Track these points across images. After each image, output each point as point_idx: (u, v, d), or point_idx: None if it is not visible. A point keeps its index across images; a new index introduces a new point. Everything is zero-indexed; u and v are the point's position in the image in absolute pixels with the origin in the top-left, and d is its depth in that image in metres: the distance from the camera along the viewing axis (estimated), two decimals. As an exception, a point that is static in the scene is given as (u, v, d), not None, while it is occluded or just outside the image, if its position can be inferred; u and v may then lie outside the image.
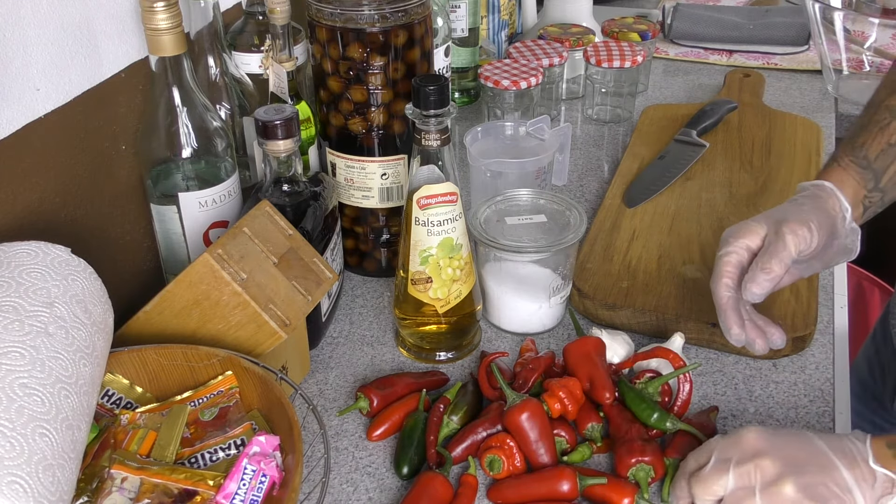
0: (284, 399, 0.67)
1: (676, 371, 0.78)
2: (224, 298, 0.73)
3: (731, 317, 0.76)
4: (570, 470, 0.72)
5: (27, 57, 0.77)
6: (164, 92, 0.82)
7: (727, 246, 0.77)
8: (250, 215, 0.79)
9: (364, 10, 0.87)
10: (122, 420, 0.69)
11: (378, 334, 0.93)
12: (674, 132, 1.25)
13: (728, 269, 0.77)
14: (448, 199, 0.80)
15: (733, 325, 0.76)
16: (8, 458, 0.53)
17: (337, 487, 0.75)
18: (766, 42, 1.58)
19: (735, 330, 0.76)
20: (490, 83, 1.22)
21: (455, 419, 0.78)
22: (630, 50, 1.31)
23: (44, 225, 0.81)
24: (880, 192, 0.79)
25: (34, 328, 0.61)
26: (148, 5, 0.77)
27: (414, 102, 0.78)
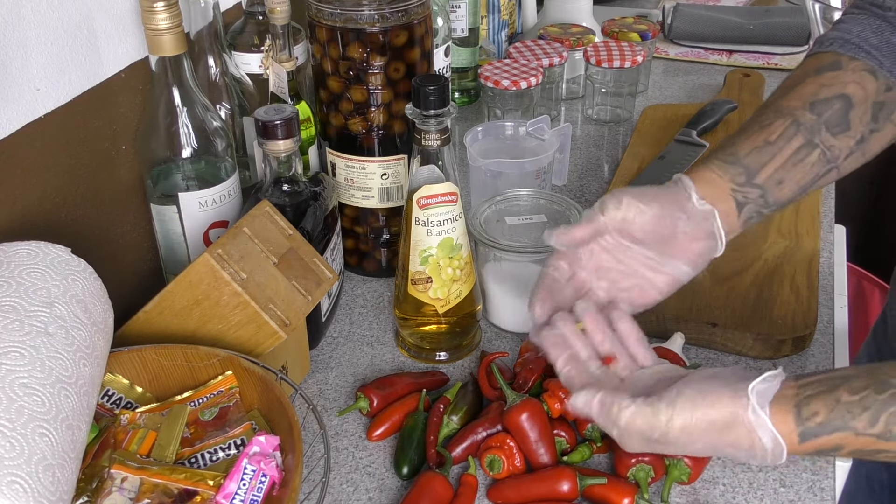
0: (284, 399, 0.67)
1: (676, 371, 0.78)
2: (224, 298, 0.73)
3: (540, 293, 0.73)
4: (570, 470, 0.72)
5: (27, 57, 0.77)
6: (164, 92, 0.82)
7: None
8: (250, 215, 0.79)
9: (364, 10, 0.87)
10: (122, 420, 0.69)
11: (378, 334, 0.93)
12: (674, 132, 1.25)
13: None
14: (448, 199, 0.80)
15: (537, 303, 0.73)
16: (8, 458, 0.53)
17: (337, 487, 0.75)
18: (766, 42, 1.58)
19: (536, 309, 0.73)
20: (490, 83, 1.22)
21: (455, 419, 0.78)
22: (630, 50, 1.31)
23: (44, 225, 0.81)
24: (758, 188, 0.73)
25: (34, 328, 0.61)
26: (148, 5, 0.77)
27: (414, 102, 0.78)
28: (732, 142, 0.75)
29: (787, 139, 0.73)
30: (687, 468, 0.72)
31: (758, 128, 0.75)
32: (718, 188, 0.73)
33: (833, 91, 0.74)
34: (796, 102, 0.74)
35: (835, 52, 0.76)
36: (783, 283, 0.94)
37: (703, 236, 0.72)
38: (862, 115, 0.75)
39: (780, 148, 0.73)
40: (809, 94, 0.75)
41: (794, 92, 0.75)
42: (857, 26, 0.77)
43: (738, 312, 0.89)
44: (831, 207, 1.13)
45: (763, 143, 0.73)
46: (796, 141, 0.73)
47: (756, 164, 0.73)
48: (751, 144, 0.74)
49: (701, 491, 0.74)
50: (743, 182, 0.73)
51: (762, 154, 0.73)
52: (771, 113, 0.75)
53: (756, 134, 0.74)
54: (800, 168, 0.74)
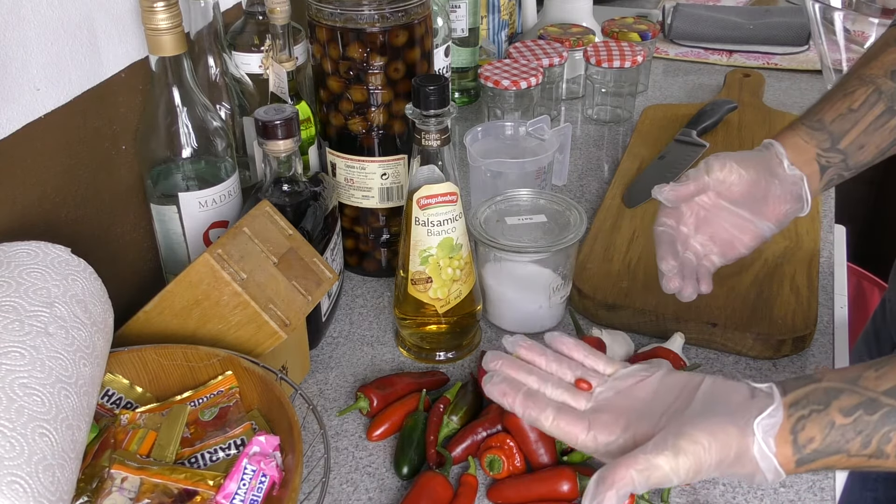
0: (284, 399, 0.67)
1: (676, 371, 0.78)
2: (224, 298, 0.73)
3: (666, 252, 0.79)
4: (570, 470, 0.72)
5: (27, 57, 0.77)
6: (164, 92, 0.82)
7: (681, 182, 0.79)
8: (250, 215, 0.79)
9: (364, 10, 0.87)
10: (122, 420, 0.69)
11: (378, 334, 0.93)
12: (674, 132, 1.25)
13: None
14: (448, 199, 0.80)
15: (666, 262, 0.79)
16: (8, 458, 0.53)
17: (337, 487, 0.75)
18: (766, 42, 1.58)
19: (666, 267, 0.79)
20: (490, 83, 1.22)
21: (455, 419, 0.78)
22: (630, 50, 1.31)
23: (44, 225, 0.81)
24: (840, 153, 0.79)
25: (34, 328, 0.61)
26: (148, 5, 0.77)
27: (414, 102, 0.78)
28: (819, 108, 0.80)
29: (870, 106, 0.78)
30: (687, 468, 0.72)
31: (842, 95, 0.79)
32: (805, 153, 0.78)
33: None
34: (878, 70, 0.79)
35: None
36: (783, 283, 0.94)
37: (791, 199, 0.78)
38: None
39: (863, 115, 0.78)
40: (891, 62, 0.79)
41: (876, 61, 0.79)
42: None
43: (738, 312, 0.89)
44: (831, 207, 1.13)
45: (847, 110, 0.78)
46: (878, 108, 0.78)
47: (840, 130, 0.78)
48: (835, 112, 0.78)
49: (701, 491, 0.74)
50: (828, 147, 0.78)
51: (846, 121, 0.78)
52: (854, 80, 0.79)
53: (840, 101, 0.79)
54: (880, 133, 0.78)
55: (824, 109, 0.79)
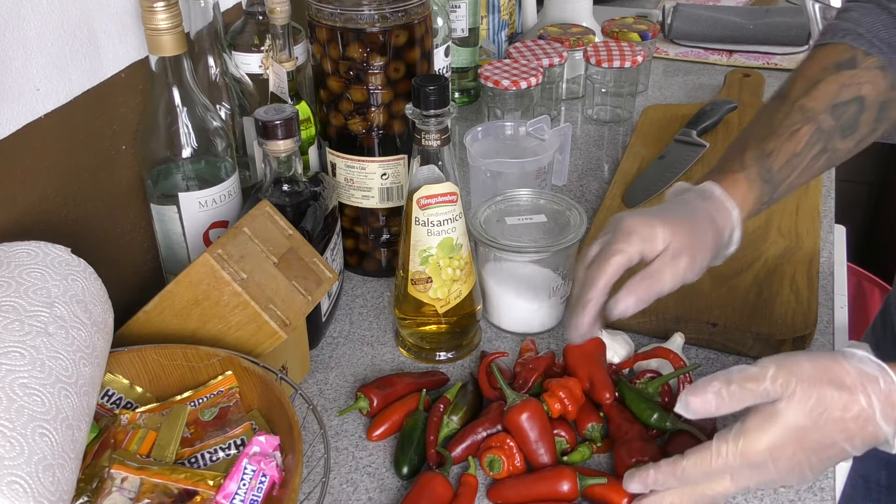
0: (284, 399, 0.67)
1: (677, 371, 0.78)
2: (224, 298, 0.73)
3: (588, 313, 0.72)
4: (569, 470, 0.72)
5: (27, 57, 0.77)
6: (164, 92, 0.82)
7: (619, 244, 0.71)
8: (250, 215, 0.79)
9: (364, 10, 0.87)
10: (122, 420, 0.69)
11: (378, 334, 0.93)
12: (674, 132, 1.25)
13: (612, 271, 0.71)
14: (448, 199, 0.80)
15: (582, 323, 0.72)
16: (8, 458, 0.53)
17: (337, 487, 0.75)
18: (766, 42, 1.58)
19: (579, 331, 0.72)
20: (490, 83, 1.22)
21: (455, 419, 0.78)
22: (630, 50, 1.31)
23: (44, 225, 0.81)
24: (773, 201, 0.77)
25: (34, 328, 0.61)
26: (148, 5, 0.77)
27: (414, 102, 0.78)
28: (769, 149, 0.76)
29: (810, 147, 0.76)
30: (687, 468, 0.72)
31: (788, 133, 0.76)
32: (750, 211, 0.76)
33: (851, 92, 0.76)
34: (820, 104, 0.77)
35: (849, 45, 0.78)
36: (783, 283, 0.94)
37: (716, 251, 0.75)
38: (869, 116, 0.77)
39: (804, 158, 0.76)
40: (831, 94, 0.77)
41: (816, 90, 0.77)
42: (867, 18, 0.79)
43: (738, 312, 0.89)
44: (831, 207, 1.13)
45: (791, 154, 0.76)
46: (815, 148, 0.76)
47: (782, 178, 0.76)
48: (783, 157, 0.76)
49: (701, 491, 0.74)
50: (766, 201, 0.77)
51: (788, 167, 0.76)
52: (798, 115, 0.77)
53: (787, 142, 0.76)
54: (807, 174, 0.77)
55: (774, 153, 0.76)
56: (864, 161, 2.22)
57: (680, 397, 0.63)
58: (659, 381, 0.78)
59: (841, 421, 0.59)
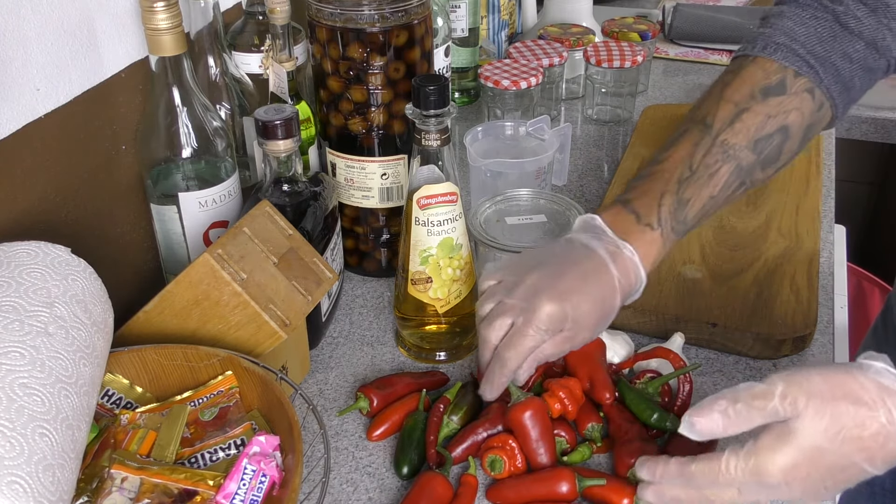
0: (284, 399, 0.67)
1: (677, 371, 0.78)
2: (224, 298, 0.73)
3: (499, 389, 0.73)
4: (569, 471, 0.72)
5: (27, 57, 0.77)
6: (164, 92, 0.83)
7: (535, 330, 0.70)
8: (250, 215, 0.79)
9: (364, 10, 0.87)
10: (122, 420, 0.69)
11: (378, 334, 0.93)
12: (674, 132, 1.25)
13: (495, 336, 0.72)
14: (448, 199, 0.80)
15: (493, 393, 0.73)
16: (8, 458, 0.53)
17: (337, 487, 0.75)
18: (766, 42, 1.57)
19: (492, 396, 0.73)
20: (490, 83, 1.21)
21: (455, 419, 0.78)
22: (630, 50, 1.31)
23: (44, 225, 0.81)
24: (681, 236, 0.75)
25: (34, 328, 0.61)
26: (148, 5, 0.77)
27: (414, 102, 0.78)
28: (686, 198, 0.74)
29: (727, 187, 0.74)
30: (687, 468, 0.72)
31: (707, 175, 0.74)
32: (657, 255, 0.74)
33: (776, 123, 0.74)
34: (742, 139, 0.74)
35: (781, 64, 0.75)
36: (783, 283, 0.94)
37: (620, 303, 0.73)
38: (792, 144, 0.75)
39: (719, 199, 0.75)
40: (756, 127, 0.74)
41: (741, 122, 0.74)
42: (803, 28, 0.75)
43: (738, 312, 0.89)
44: (831, 207, 1.13)
45: (708, 198, 0.74)
46: (733, 186, 0.75)
47: (692, 224, 0.75)
48: (700, 203, 0.74)
49: (701, 491, 0.74)
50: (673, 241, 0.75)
51: (702, 212, 0.75)
52: (719, 153, 0.74)
53: (705, 186, 0.74)
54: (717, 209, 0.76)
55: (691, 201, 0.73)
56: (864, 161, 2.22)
57: (684, 418, 0.61)
58: (659, 381, 0.78)
59: (859, 440, 0.56)
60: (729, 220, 1.04)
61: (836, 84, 0.76)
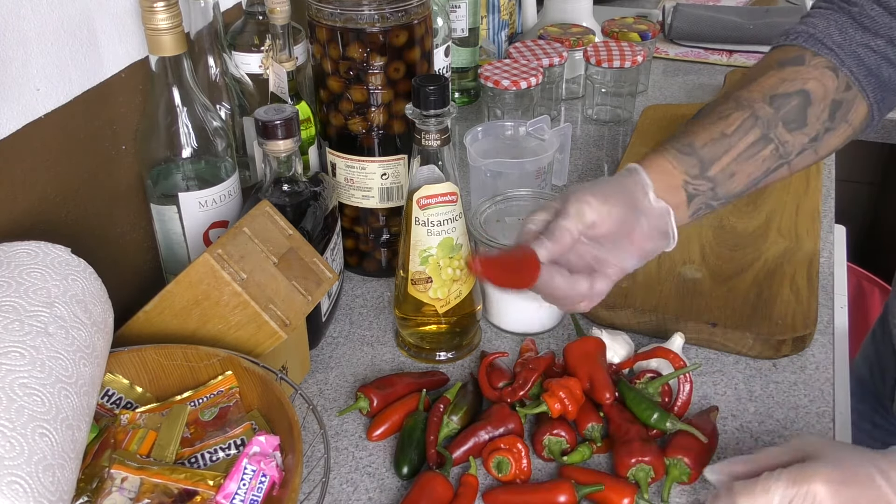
0: (284, 399, 0.67)
1: (677, 371, 0.78)
2: (224, 298, 0.73)
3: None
4: (567, 483, 0.71)
5: (27, 57, 0.77)
6: (164, 92, 0.83)
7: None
8: (250, 215, 0.79)
9: (364, 10, 0.87)
10: (122, 420, 0.69)
11: (378, 334, 0.93)
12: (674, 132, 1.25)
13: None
14: (448, 199, 0.80)
15: None
16: (8, 458, 0.53)
17: (337, 487, 0.75)
18: (766, 42, 1.57)
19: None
20: (490, 83, 1.22)
21: (455, 419, 0.78)
22: (630, 50, 1.31)
23: (44, 225, 0.81)
24: (709, 181, 0.74)
25: (34, 328, 0.61)
26: (148, 5, 0.77)
27: (414, 102, 0.78)
28: (691, 130, 0.75)
29: (744, 132, 0.74)
30: (687, 468, 0.73)
31: (716, 118, 0.75)
32: (672, 179, 0.74)
33: (793, 86, 0.75)
34: (756, 94, 0.75)
35: (799, 45, 0.77)
36: (783, 283, 0.94)
37: (657, 235, 0.74)
38: (819, 112, 0.75)
39: (736, 141, 0.74)
40: (770, 86, 0.75)
41: (755, 83, 0.76)
42: (824, 21, 0.78)
43: (738, 312, 0.89)
44: (831, 207, 1.13)
45: (720, 134, 0.74)
46: (752, 134, 0.74)
47: (711, 156, 0.74)
48: (707, 135, 0.74)
49: (701, 491, 0.74)
50: (696, 174, 0.74)
51: (717, 146, 0.74)
52: (731, 103, 0.75)
53: (714, 125, 0.75)
54: (752, 162, 0.75)
55: (696, 132, 0.75)
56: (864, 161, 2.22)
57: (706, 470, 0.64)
58: (659, 381, 0.78)
59: None
60: (729, 220, 1.04)
61: (860, 69, 0.76)
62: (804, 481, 0.58)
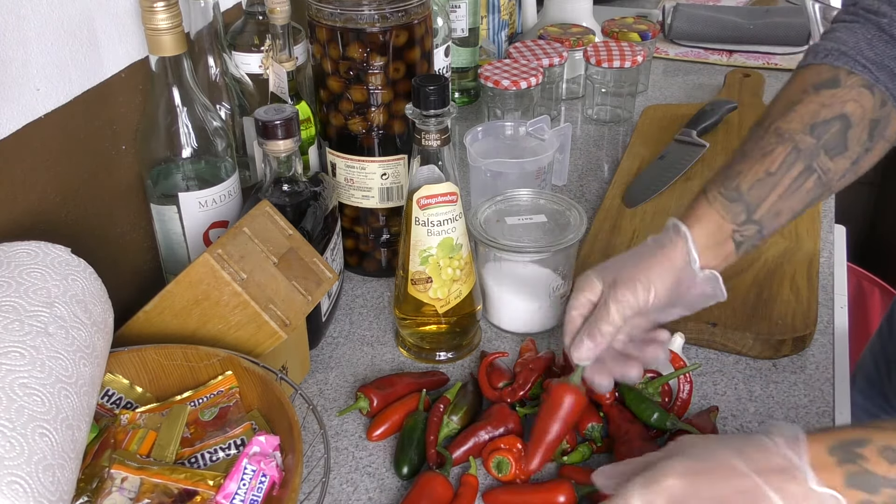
0: (284, 399, 0.67)
1: (677, 371, 0.78)
2: (224, 298, 0.73)
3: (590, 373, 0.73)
4: (567, 483, 0.71)
5: (27, 57, 0.77)
6: (164, 92, 0.82)
7: (571, 301, 0.75)
8: (250, 215, 0.79)
9: (364, 10, 0.87)
10: (122, 420, 0.69)
11: (378, 334, 0.93)
12: (674, 132, 1.25)
13: (570, 329, 0.74)
14: (448, 199, 0.80)
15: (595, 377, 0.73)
16: (8, 458, 0.53)
17: (337, 487, 0.75)
18: (766, 42, 1.58)
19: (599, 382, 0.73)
20: (490, 83, 1.21)
21: (455, 419, 0.78)
22: (630, 50, 1.31)
23: (44, 225, 0.81)
24: (755, 224, 0.74)
25: (34, 328, 0.61)
26: (148, 5, 0.77)
27: (414, 102, 0.78)
28: (735, 171, 0.74)
29: (788, 167, 0.74)
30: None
31: (760, 155, 0.74)
32: (721, 233, 0.74)
33: (833, 111, 0.74)
34: (797, 125, 0.74)
35: (831, 65, 0.76)
36: (783, 283, 0.94)
37: (705, 297, 0.74)
38: (859, 134, 0.74)
39: (781, 178, 0.74)
40: (810, 114, 0.74)
41: (794, 112, 0.75)
42: (852, 37, 0.76)
43: (738, 312, 0.89)
44: (831, 207, 1.13)
45: (764, 174, 0.74)
46: (796, 168, 0.74)
47: (757, 198, 0.74)
48: (753, 176, 0.74)
49: (701, 491, 0.73)
50: (743, 220, 0.74)
51: (763, 187, 0.74)
52: (772, 137, 0.74)
53: (758, 163, 0.74)
54: (797, 196, 0.74)
55: (742, 173, 0.74)
56: (864, 161, 2.22)
57: None
58: (659, 381, 0.78)
59: None
60: (729, 220, 1.04)
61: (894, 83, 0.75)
62: (656, 480, 0.58)
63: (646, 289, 0.71)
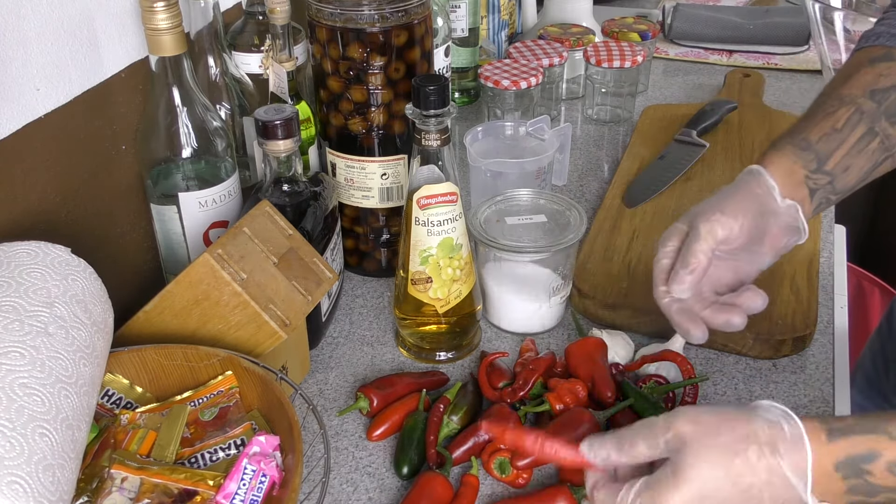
0: (284, 399, 0.67)
1: (684, 381, 0.79)
2: (224, 298, 0.73)
3: (683, 320, 0.74)
4: (566, 490, 0.71)
5: (27, 57, 0.77)
6: (164, 92, 0.82)
7: (657, 253, 0.76)
8: (250, 215, 0.79)
9: (364, 10, 0.87)
10: (122, 420, 0.69)
11: (378, 334, 0.93)
12: (674, 132, 1.25)
13: (661, 275, 0.75)
14: (448, 199, 0.80)
15: (690, 327, 0.74)
16: (8, 458, 0.53)
17: (337, 487, 0.75)
18: (766, 42, 1.58)
19: (694, 332, 0.74)
20: (490, 83, 1.21)
21: (455, 419, 0.78)
22: (630, 50, 1.31)
23: (44, 225, 0.81)
24: (827, 175, 0.76)
25: (34, 328, 0.61)
26: (148, 5, 0.77)
27: (414, 102, 0.78)
28: (802, 127, 0.77)
29: (852, 127, 0.76)
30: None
31: (823, 115, 0.77)
32: (795, 176, 0.76)
33: (891, 80, 0.77)
34: (857, 91, 0.77)
35: (883, 45, 0.79)
36: (783, 283, 0.94)
37: (788, 231, 0.76)
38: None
39: (847, 135, 0.76)
40: (868, 82, 0.77)
41: (852, 80, 0.78)
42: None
43: (738, 312, 0.89)
44: (831, 207, 1.13)
45: (831, 129, 0.76)
46: (860, 129, 0.76)
47: (826, 150, 0.76)
48: (820, 131, 0.76)
49: (701, 491, 0.73)
50: (815, 168, 0.76)
51: (831, 141, 0.76)
52: (834, 101, 0.77)
53: (823, 121, 0.77)
54: (863, 155, 0.76)
55: (808, 128, 0.77)
56: (864, 161, 2.21)
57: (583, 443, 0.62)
58: (665, 388, 0.79)
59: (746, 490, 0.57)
60: (729, 220, 1.04)
61: None
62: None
63: (732, 215, 0.73)
